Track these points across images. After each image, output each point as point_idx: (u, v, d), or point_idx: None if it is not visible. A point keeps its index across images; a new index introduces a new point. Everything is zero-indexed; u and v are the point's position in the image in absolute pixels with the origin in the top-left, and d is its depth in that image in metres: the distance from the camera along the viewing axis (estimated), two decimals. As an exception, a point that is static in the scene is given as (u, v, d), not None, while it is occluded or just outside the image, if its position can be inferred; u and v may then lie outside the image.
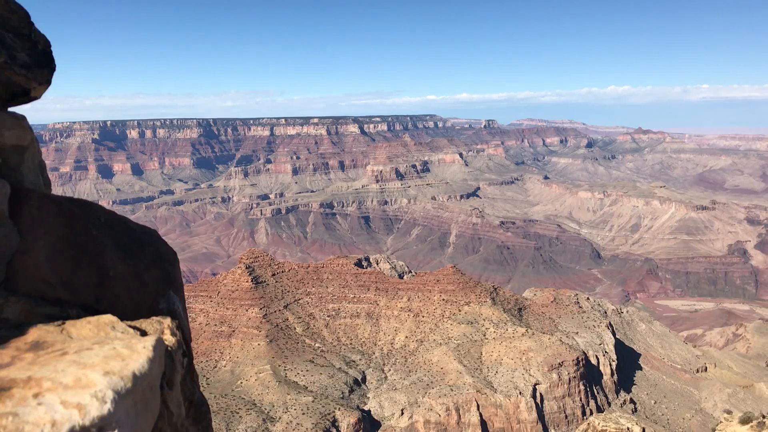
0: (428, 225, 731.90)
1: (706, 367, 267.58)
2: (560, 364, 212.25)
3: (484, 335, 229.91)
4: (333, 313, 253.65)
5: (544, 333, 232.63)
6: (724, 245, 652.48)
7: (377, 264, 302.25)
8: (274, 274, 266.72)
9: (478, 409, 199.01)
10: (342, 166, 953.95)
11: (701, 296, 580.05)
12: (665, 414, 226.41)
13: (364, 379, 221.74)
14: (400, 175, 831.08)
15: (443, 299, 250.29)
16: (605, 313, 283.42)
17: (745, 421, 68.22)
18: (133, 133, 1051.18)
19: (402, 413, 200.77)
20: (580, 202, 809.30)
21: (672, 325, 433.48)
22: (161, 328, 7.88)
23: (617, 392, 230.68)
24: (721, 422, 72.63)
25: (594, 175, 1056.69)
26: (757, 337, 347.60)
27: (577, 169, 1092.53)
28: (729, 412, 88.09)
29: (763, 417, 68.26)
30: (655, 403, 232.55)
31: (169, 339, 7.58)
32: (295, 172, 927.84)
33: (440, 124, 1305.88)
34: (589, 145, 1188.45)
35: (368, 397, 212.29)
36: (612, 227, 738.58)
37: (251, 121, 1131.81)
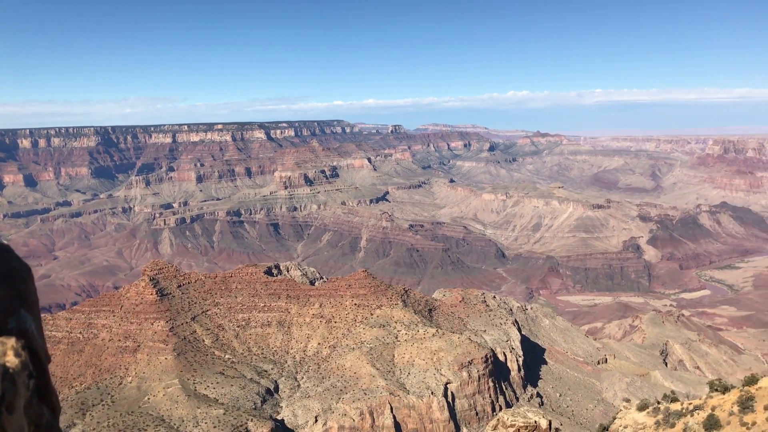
0: (339, 230, 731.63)
1: (606, 359, 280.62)
2: (470, 363, 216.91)
3: (396, 338, 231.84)
4: (243, 323, 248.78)
5: (453, 332, 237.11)
6: (619, 241, 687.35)
7: (288, 271, 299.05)
8: (179, 286, 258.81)
9: (392, 411, 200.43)
10: (249, 172, 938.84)
11: (600, 291, 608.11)
12: (570, 405, 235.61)
13: (276, 389, 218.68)
14: (309, 181, 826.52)
15: (355, 304, 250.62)
16: (511, 310, 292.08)
17: (642, 408, 71.77)
18: (25, 143, 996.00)
19: (316, 420, 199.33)
20: (484, 204, 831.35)
21: (574, 320, 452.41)
22: (3, 349, 7.44)
23: (524, 387, 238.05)
24: (620, 410, 76.18)
25: (497, 178, 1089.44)
26: (651, 328, 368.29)
27: (480, 172, 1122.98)
28: (627, 400, 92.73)
29: (658, 403, 72.11)
30: (560, 395, 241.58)
31: (12, 360, 7.14)
32: (199, 179, 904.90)
33: (348, 130, 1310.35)
34: (492, 148, 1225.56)
35: (281, 407, 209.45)
36: (515, 227, 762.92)
37: (152, 129, 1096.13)
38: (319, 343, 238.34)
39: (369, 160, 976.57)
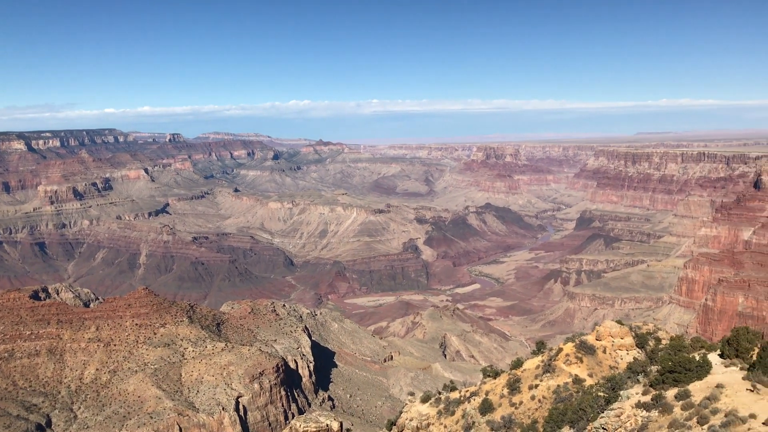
0: (115, 246, 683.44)
1: (392, 356, 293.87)
2: (261, 374, 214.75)
3: (183, 355, 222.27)
4: (5, 354, 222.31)
5: (243, 345, 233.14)
6: (399, 243, 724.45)
7: (58, 294, 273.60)
8: None
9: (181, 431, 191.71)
10: (7, 187, 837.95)
11: (384, 291, 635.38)
12: (360, 405, 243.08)
13: (49, 423, 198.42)
14: (78, 195, 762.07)
15: (137, 324, 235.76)
16: (301, 317, 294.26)
17: (425, 400, 76.05)
18: None
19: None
20: (270, 213, 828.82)
21: (361, 321, 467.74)
22: None
23: (316, 392, 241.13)
24: (406, 404, 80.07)
25: (282, 186, 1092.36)
26: (431, 323, 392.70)
27: (265, 181, 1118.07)
28: (412, 394, 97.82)
29: (439, 393, 76.97)
30: (351, 396, 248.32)
31: None
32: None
33: (121, 139, 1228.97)
34: (276, 157, 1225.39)
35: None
36: (302, 234, 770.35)
37: None
38: (97, 369, 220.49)
39: (146, 170, 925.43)
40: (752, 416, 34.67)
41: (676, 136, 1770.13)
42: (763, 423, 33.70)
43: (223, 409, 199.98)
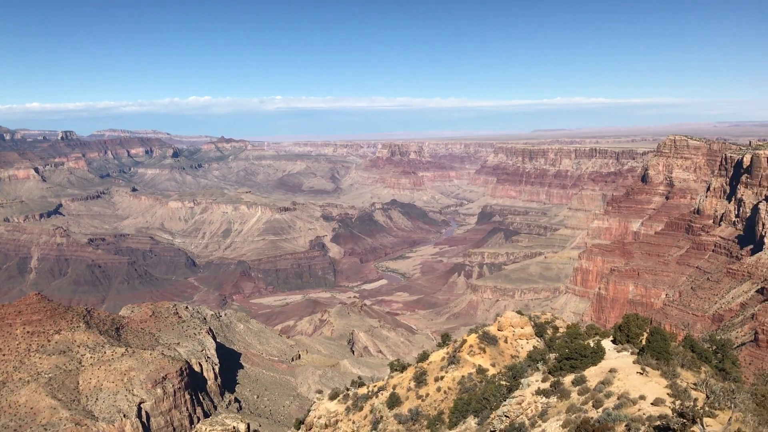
0: (3, 250, 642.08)
1: (300, 355, 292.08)
2: (164, 378, 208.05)
3: (80, 362, 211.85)
4: None
5: (145, 349, 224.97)
6: (306, 241, 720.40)
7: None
8: None
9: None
10: None
11: (291, 290, 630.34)
12: (267, 405, 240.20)
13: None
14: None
15: (28, 332, 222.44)
16: (205, 319, 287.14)
17: (333, 397, 76.09)
18: None
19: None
20: (171, 213, 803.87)
21: (267, 321, 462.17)
22: None
23: (222, 394, 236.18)
24: (314, 402, 79.82)
25: (183, 185, 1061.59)
26: (339, 320, 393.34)
27: (165, 180, 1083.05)
28: (320, 392, 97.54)
29: (347, 390, 77.15)
30: (258, 397, 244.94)
31: None
32: None
33: (8, 137, 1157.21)
34: (176, 155, 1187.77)
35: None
36: (205, 234, 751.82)
37: None
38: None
39: (36, 170, 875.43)
40: (642, 397, 36.81)
41: (569, 133, 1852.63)
42: (652, 403, 35.82)
43: (124, 416, 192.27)
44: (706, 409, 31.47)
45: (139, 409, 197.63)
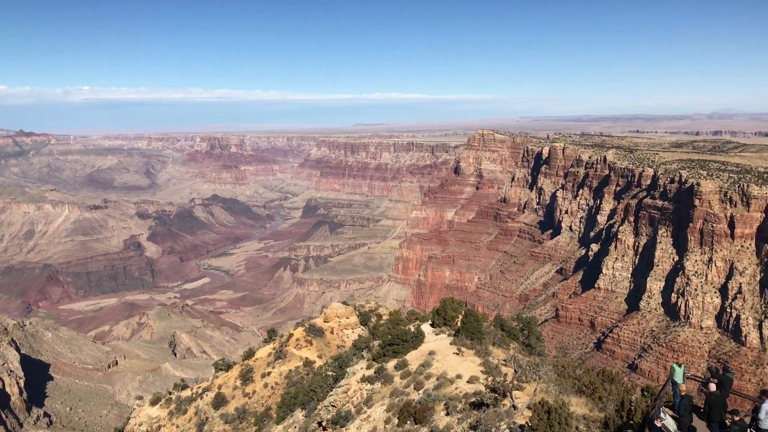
0: None
1: (117, 361, 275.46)
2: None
3: None
4: None
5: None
6: (120, 241, 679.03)
7: None
8: None
9: None
10: None
11: (104, 293, 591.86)
12: (82, 417, 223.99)
13: None
14: None
15: None
16: (6, 330, 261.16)
17: (154, 402, 72.83)
18: None
19: None
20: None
21: (79, 328, 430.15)
22: None
23: (29, 410, 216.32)
24: (134, 409, 75.83)
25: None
26: (158, 322, 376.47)
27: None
28: (141, 398, 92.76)
29: (170, 393, 74.16)
30: (71, 409, 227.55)
31: None
32: None
33: None
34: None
35: None
36: (3, 237, 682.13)
37: None
38: None
39: None
40: (458, 376, 39.19)
41: (388, 128, 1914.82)
42: (467, 381, 38.25)
43: None
44: (515, 382, 34.29)
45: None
